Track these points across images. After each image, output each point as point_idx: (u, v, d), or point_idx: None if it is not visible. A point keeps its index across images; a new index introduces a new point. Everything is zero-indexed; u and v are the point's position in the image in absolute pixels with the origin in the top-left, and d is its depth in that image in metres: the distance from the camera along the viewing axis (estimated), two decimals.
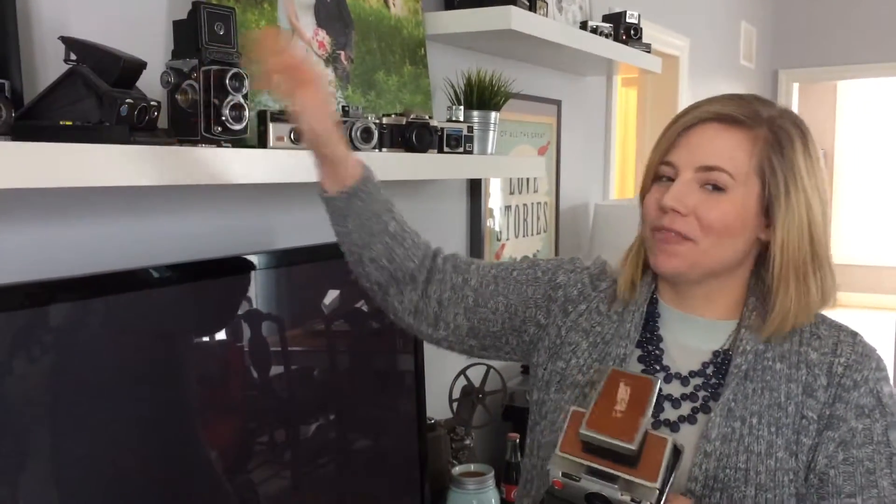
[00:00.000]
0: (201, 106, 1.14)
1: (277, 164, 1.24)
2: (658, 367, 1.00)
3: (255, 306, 1.26)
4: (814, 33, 5.16)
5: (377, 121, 1.49)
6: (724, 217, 0.93)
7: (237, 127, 1.16)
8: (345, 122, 1.40)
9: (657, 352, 1.01)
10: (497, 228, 2.26)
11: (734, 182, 0.93)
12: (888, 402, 0.93)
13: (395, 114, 1.57)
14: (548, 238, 2.56)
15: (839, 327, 0.99)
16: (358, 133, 1.42)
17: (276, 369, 1.31)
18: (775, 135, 0.94)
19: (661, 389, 0.90)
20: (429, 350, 1.73)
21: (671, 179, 0.96)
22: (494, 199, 2.24)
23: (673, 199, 0.93)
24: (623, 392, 0.79)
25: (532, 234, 2.47)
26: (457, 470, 1.67)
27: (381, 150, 1.50)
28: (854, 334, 0.98)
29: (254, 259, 1.25)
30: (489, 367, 1.87)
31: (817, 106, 7.37)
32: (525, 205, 2.42)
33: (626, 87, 4.45)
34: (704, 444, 0.92)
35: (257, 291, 1.26)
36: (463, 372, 1.84)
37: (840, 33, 5.08)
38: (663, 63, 2.66)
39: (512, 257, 2.35)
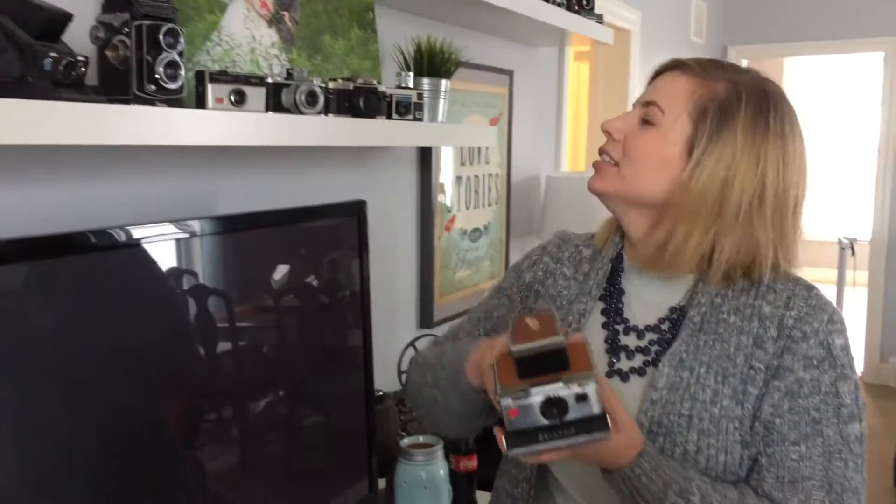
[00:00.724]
0: (133, 63, 1.08)
1: (217, 126, 1.19)
2: (619, 320, 1.05)
3: (190, 276, 1.21)
4: (763, 10, 5.22)
5: (323, 85, 1.45)
6: (645, 145, 1.01)
7: (172, 86, 1.10)
8: (288, 85, 1.35)
9: (619, 305, 1.06)
10: (447, 199, 2.23)
11: (663, 117, 1.00)
12: (839, 354, 0.94)
13: (343, 78, 1.52)
14: (499, 210, 2.54)
15: (796, 281, 1.01)
16: (302, 97, 1.37)
17: (217, 342, 1.26)
18: (728, 92, 0.98)
19: (619, 340, 0.97)
20: (377, 321, 1.70)
21: None
22: (445, 169, 2.20)
23: (609, 125, 1.04)
24: (532, 322, 0.87)
25: (483, 206, 2.44)
26: (405, 442, 1.64)
27: (326, 115, 1.45)
28: (810, 288, 1.00)
29: (194, 225, 1.19)
30: (437, 337, 1.85)
31: None
32: (476, 176, 2.39)
33: (579, 62, 4.44)
34: (651, 392, 0.95)
35: (194, 261, 1.21)
36: (412, 343, 1.82)
37: (788, 10, 5.14)
38: (615, 36, 2.65)
39: (462, 229, 2.33)
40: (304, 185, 1.69)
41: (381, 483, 1.73)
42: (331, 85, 1.48)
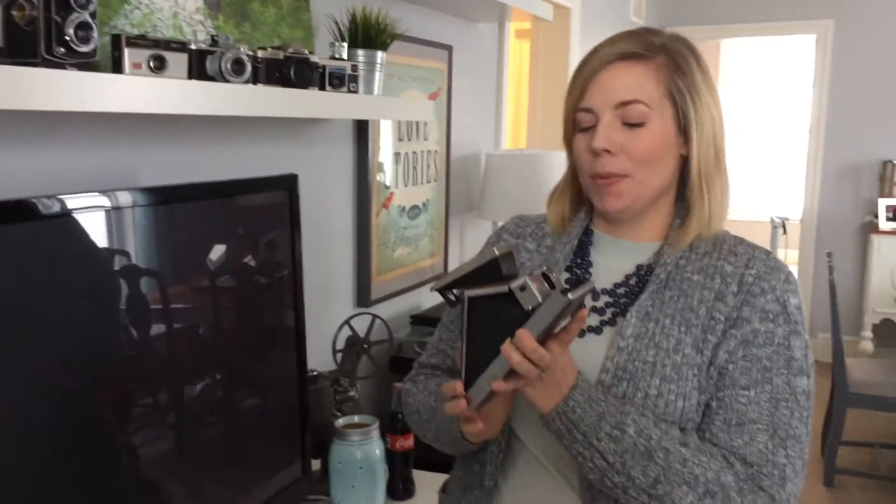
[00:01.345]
0: (41, 24, 1.01)
1: (135, 93, 1.12)
2: None
3: (106, 253, 1.15)
4: None
5: (251, 53, 1.39)
6: (651, 145, 1.00)
7: (84, 49, 1.03)
8: (213, 52, 1.29)
9: (586, 275, 1.09)
10: (385, 176, 2.19)
11: (650, 111, 1.00)
12: (793, 311, 1.00)
13: (273, 47, 1.46)
14: (438, 187, 2.51)
15: (755, 247, 1.07)
16: (228, 64, 1.31)
17: (138, 321, 1.20)
18: (672, 59, 1.02)
19: (584, 305, 0.98)
20: (312, 299, 1.66)
21: (592, 127, 1.03)
22: (383, 145, 2.16)
23: (602, 141, 1.00)
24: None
25: (422, 183, 2.41)
26: (340, 422, 1.61)
27: (255, 85, 1.39)
28: (768, 252, 1.06)
29: (105, 198, 1.12)
30: (375, 316, 1.82)
31: None
32: (415, 152, 2.35)
33: (520, 40, 4.43)
34: (619, 340, 1.00)
35: (109, 236, 1.14)
36: (347, 322, 1.78)
37: None
38: (556, 15, 2.64)
39: (401, 206, 2.29)
40: (233, 158, 1.63)
41: (317, 464, 1.70)
42: (260, 54, 1.42)
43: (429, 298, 2.48)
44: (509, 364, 0.87)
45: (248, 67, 1.35)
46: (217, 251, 1.36)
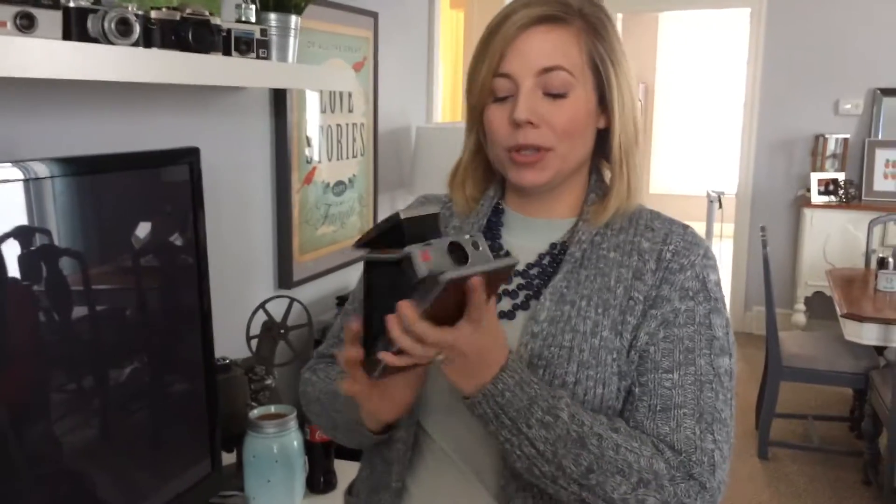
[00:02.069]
0: None
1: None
2: None
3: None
4: None
5: (141, 13, 1.26)
6: (575, 117, 0.94)
7: None
8: (95, 10, 1.16)
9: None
10: (307, 150, 2.07)
11: (574, 80, 0.93)
12: (713, 288, 0.96)
13: (168, 7, 1.33)
14: (365, 162, 2.40)
15: (672, 221, 1.02)
16: (112, 24, 1.18)
17: (17, 305, 1.08)
18: (590, 23, 0.95)
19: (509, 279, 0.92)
20: (227, 281, 1.55)
21: (510, 97, 0.94)
22: (304, 117, 2.04)
23: (525, 112, 0.92)
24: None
25: (348, 158, 2.29)
26: (254, 413, 1.51)
27: (149, 49, 1.26)
28: (685, 226, 1.01)
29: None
30: (292, 299, 1.71)
31: (640, 38, 7.59)
32: (339, 125, 2.24)
33: (455, 10, 4.32)
34: (532, 325, 0.93)
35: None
36: (262, 306, 1.67)
37: None
38: None
39: (325, 182, 2.18)
40: (132, 130, 1.49)
41: (232, 458, 1.59)
42: (153, 14, 1.29)
43: (356, 279, 2.37)
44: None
45: (137, 29, 1.22)
46: (111, 230, 1.24)
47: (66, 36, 1.14)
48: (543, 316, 0.93)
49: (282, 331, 1.66)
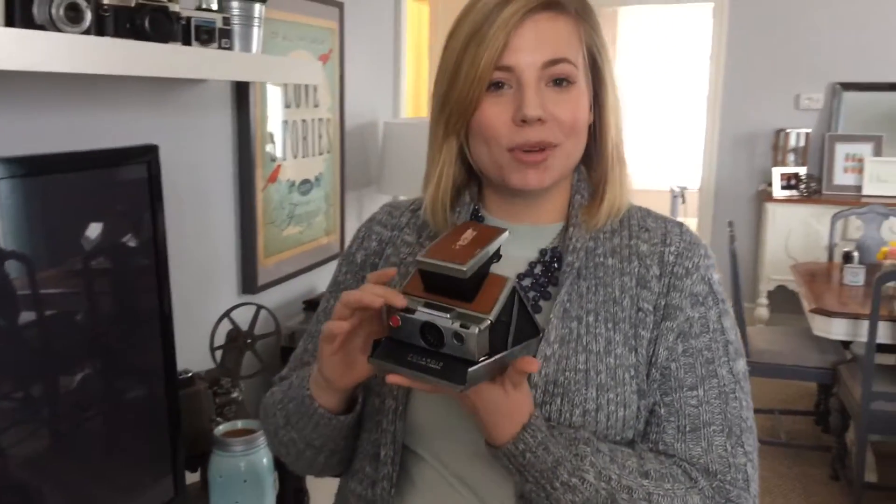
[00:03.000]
0: None
1: None
2: None
3: None
4: None
5: None
6: (580, 111, 0.87)
7: None
8: None
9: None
10: (271, 147, 1.96)
11: (577, 71, 0.87)
12: (718, 289, 0.91)
13: None
14: (332, 159, 2.30)
15: (665, 219, 0.96)
16: (61, 10, 1.07)
17: None
18: (585, 12, 0.89)
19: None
20: (188, 288, 1.44)
21: (508, 87, 0.86)
22: (267, 112, 1.93)
23: (534, 108, 0.84)
24: (469, 234, 0.79)
25: (314, 155, 2.19)
26: (221, 429, 1.41)
27: (102, 37, 1.16)
28: (680, 224, 0.95)
29: None
30: (259, 306, 1.61)
31: None
32: (304, 120, 2.13)
33: (419, 3, 4.23)
34: (544, 347, 0.85)
35: None
36: (227, 315, 1.57)
37: None
38: None
39: (290, 180, 2.08)
40: (86, 126, 1.38)
41: (196, 478, 1.49)
42: (105, 0, 1.19)
43: (324, 282, 2.27)
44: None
45: (88, 15, 1.11)
46: (63, 233, 1.13)
47: (10, 22, 1.03)
48: (553, 336, 0.86)
49: (248, 340, 1.56)
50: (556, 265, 0.91)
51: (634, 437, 0.86)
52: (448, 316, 0.73)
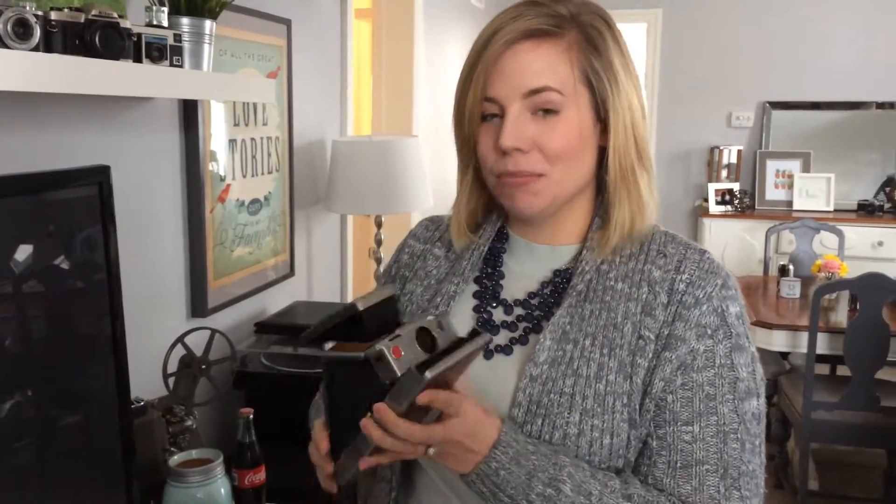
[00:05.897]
0: None
1: None
2: (495, 304, 0.95)
3: None
4: None
5: (41, 13, 1.10)
6: (567, 140, 0.87)
7: None
8: None
9: (496, 287, 0.96)
10: (219, 166, 1.92)
11: (564, 99, 0.86)
12: (734, 322, 0.87)
13: (71, 8, 1.18)
14: (281, 178, 2.26)
15: (687, 245, 0.93)
16: (9, 26, 1.02)
17: None
18: (586, 34, 0.87)
19: (493, 321, 0.91)
20: (135, 313, 1.39)
21: (497, 116, 0.89)
22: (215, 131, 1.89)
23: (512, 139, 0.85)
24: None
25: (262, 174, 2.15)
26: (175, 460, 1.36)
27: (49, 54, 1.11)
28: (702, 252, 0.92)
29: None
30: (214, 330, 1.56)
31: None
32: (253, 139, 2.09)
33: (359, 20, 4.21)
34: (531, 367, 0.85)
35: None
36: (181, 340, 1.52)
37: None
38: None
39: (239, 200, 2.03)
40: (31, 146, 1.32)
41: None
42: (53, 15, 1.14)
43: (275, 303, 2.23)
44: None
45: (36, 31, 1.06)
46: (9, 256, 1.07)
47: None
48: (543, 357, 0.85)
49: (203, 366, 1.51)
50: (564, 287, 0.92)
51: (624, 468, 0.85)
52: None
